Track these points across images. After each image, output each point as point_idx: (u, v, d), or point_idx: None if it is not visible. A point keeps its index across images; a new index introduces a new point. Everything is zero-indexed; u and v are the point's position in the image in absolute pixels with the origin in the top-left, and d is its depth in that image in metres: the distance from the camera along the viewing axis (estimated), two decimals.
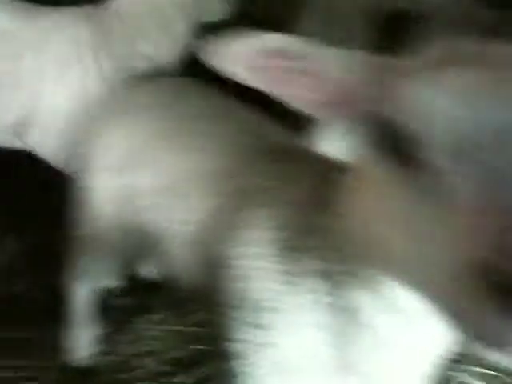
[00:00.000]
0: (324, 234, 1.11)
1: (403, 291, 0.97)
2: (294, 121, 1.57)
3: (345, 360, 1.17)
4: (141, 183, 1.61)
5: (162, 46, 2.30)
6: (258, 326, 1.28)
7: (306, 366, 1.24)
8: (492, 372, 2.34)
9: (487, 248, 0.72)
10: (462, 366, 2.33)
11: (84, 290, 2.16)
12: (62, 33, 2.34)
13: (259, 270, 1.25)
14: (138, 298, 2.51)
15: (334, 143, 1.82)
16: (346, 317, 1.12)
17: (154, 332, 2.38)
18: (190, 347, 2.28)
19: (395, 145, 0.85)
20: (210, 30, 2.27)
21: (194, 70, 1.61)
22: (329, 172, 1.19)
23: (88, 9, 2.42)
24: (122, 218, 1.73)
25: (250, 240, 1.28)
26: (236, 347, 1.33)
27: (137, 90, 1.71)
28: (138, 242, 1.66)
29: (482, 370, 2.34)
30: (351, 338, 1.13)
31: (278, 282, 1.22)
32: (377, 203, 0.93)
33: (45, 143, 2.41)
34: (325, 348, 1.19)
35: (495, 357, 0.76)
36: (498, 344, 0.74)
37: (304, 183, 1.27)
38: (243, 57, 0.99)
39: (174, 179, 1.53)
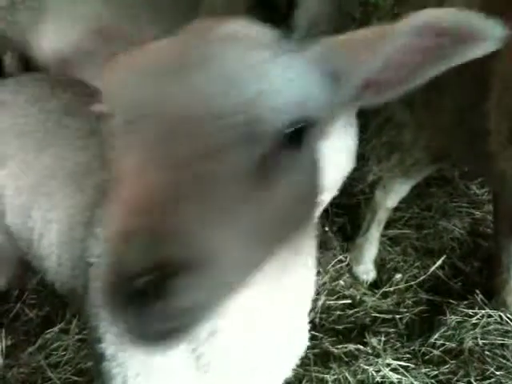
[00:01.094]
0: None
1: None
2: None
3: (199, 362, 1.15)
4: (4, 183, 1.55)
5: None
6: None
7: (168, 365, 1.21)
8: (410, 364, 2.35)
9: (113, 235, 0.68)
10: (381, 361, 2.34)
11: None
12: None
13: None
14: (44, 308, 2.43)
15: None
16: None
17: (61, 342, 2.30)
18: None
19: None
20: None
21: None
22: None
23: None
24: None
25: None
26: (106, 348, 1.29)
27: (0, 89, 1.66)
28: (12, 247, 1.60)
29: (402, 363, 2.34)
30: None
31: None
32: None
33: None
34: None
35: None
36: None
37: None
38: None
39: (37, 177, 1.48)
